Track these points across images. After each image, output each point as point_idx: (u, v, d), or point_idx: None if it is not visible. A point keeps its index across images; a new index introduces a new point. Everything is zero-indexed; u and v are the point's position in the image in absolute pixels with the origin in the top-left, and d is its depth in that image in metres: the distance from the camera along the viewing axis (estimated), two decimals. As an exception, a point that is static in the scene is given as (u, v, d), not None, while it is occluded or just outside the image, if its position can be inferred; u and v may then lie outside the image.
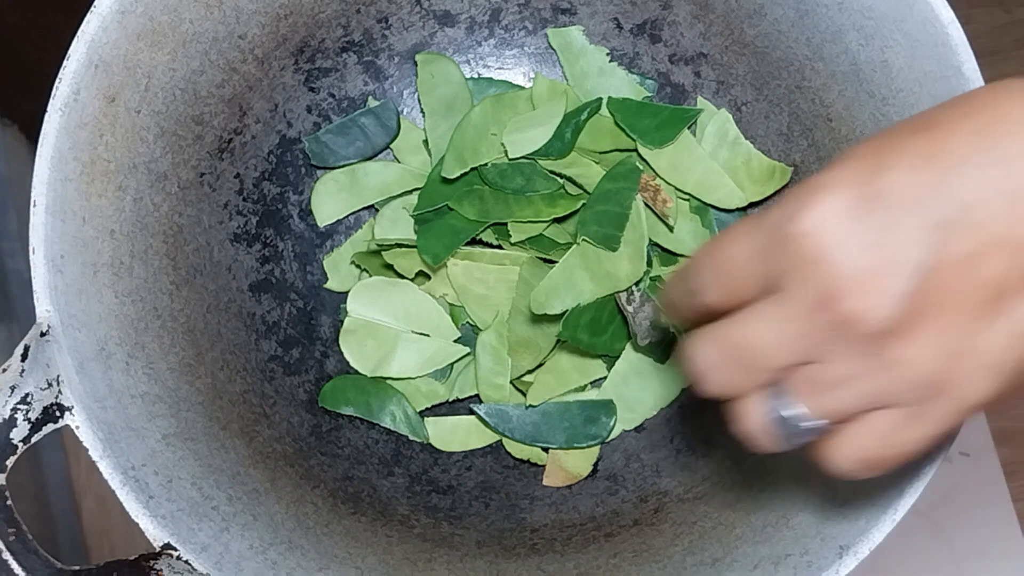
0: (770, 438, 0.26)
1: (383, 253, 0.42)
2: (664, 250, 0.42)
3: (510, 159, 0.42)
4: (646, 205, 0.41)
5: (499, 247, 0.42)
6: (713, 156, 0.41)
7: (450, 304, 0.42)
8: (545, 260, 0.42)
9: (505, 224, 0.42)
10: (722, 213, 0.42)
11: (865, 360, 0.23)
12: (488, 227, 0.42)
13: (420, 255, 0.41)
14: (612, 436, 0.41)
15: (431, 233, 0.41)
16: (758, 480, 0.37)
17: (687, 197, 0.42)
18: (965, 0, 0.73)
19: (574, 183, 0.42)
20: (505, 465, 0.42)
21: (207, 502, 0.33)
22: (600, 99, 0.43)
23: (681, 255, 0.42)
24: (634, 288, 0.41)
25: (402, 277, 0.42)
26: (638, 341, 0.40)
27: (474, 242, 0.42)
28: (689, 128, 0.42)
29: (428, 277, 0.42)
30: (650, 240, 0.42)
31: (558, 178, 0.43)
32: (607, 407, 0.41)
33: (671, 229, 0.42)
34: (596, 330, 0.40)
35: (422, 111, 0.44)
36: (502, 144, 0.43)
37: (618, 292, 0.41)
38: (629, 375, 0.41)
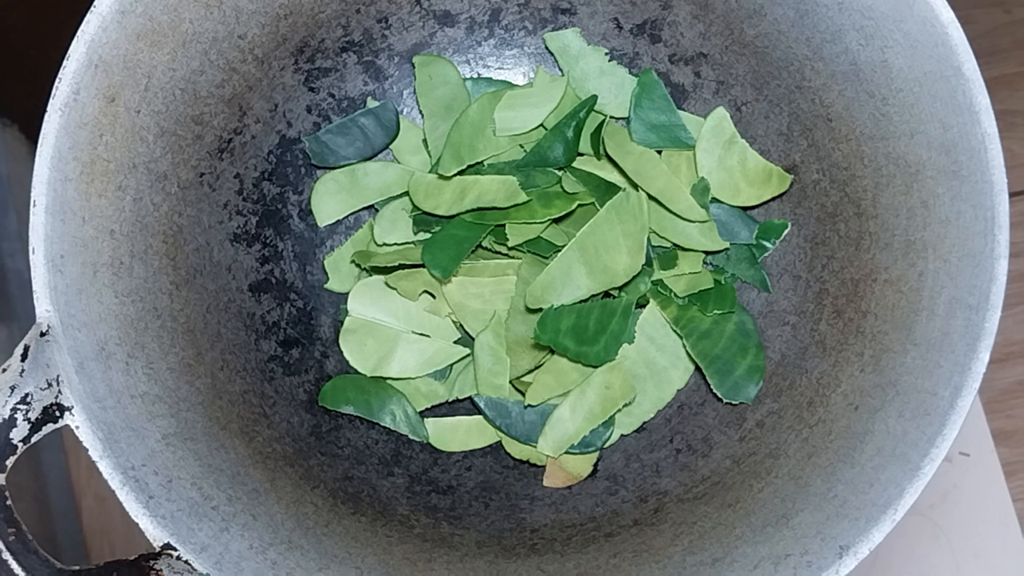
0: None
1: (386, 277, 0.42)
2: (665, 248, 0.42)
3: (495, 134, 0.42)
4: (650, 197, 0.41)
5: (499, 253, 0.42)
6: (708, 154, 0.41)
7: (454, 322, 0.42)
8: (545, 259, 0.42)
9: (503, 227, 0.41)
10: (722, 211, 0.42)
11: None
12: (488, 232, 0.42)
13: (428, 271, 0.40)
14: (610, 442, 0.41)
15: (435, 247, 0.40)
16: (758, 480, 0.37)
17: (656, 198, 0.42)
18: (965, 0, 0.73)
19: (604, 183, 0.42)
20: (505, 465, 0.42)
21: (207, 502, 0.33)
22: (595, 96, 0.43)
23: (688, 248, 0.42)
24: None
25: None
26: None
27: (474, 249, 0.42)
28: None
29: (432, 296, 0.42)
30: (651, 241, 0.42)
31: (557, 172, 0.43)
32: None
33: None
34: (583, 339, 0.40)
35: (421, 113, 0.44)
36: (494, 132, 0.42)
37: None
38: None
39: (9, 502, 0.29)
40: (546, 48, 0.44)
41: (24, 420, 0.30)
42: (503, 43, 0.45)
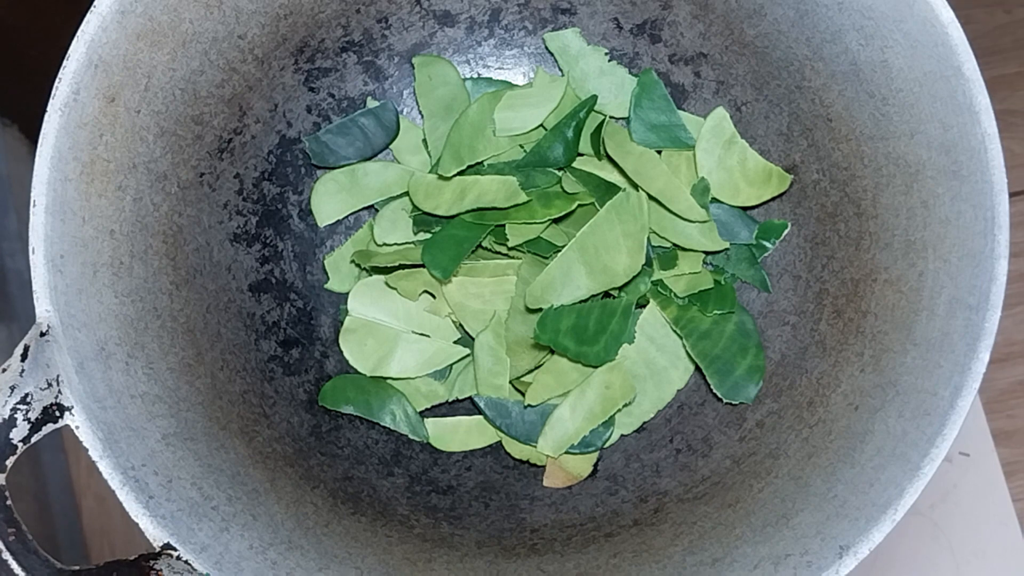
0: None
1: (386, 277, 0.42)
2: (665, 248, 0.42)
3: (495, 134, 0.42)
4: (650, 197, 0.41)
5: (499, 253, 0.42)
6: (708, 154, 0.41)
7: (454, 322, 0.42)
8: (545, 259, 0.42)
9: (503, 227, 0.41)
10: (722, 211, 0.42)
11: None
12: (488, 233, 0.42)
13: (429, 271, 0.40)
14: (610, 442, 0.41)
15: (435, 247, 0.40)
16: (758, 480, 0.37)
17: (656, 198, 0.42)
18: (965, 0, 0.73)
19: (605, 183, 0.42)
20: (505, 465, 0.42)
21: (207, 502, 0.33)
22: (595, 96, 0.43)
23: (688, 248, 0.42)
24: None
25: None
26: None
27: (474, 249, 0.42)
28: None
29: (432, 296, 0.42)
30: (651, 241, 0.42)
31: (557, 172, 0.43)
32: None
33: None
34: (583, 339, 0.40)
35: (420, 113, 0.44)
36: (494, 132, 0.43)
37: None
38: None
39: (9, 502, 0.29)
40: (546, 48, 0.44)
41: (24, 420, 0.30)
42: (503, 43, 0.45)
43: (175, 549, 0.31)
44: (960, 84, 0.32)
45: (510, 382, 0.41)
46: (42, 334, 0.31)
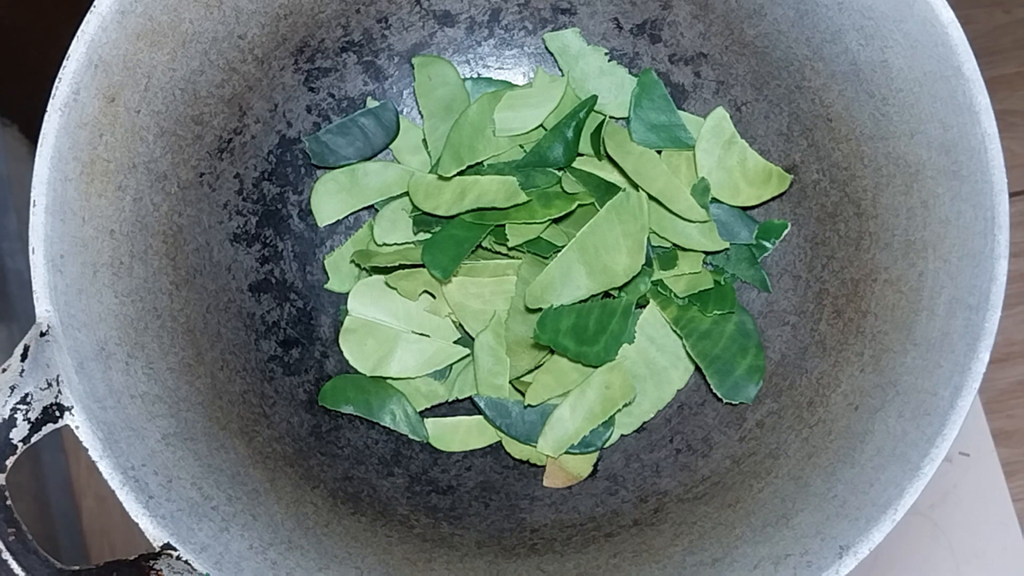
0: None
1: (386, 277, 0.42)
2: (665, 248, 0.42)
3: (495, 134, 0.42)
4: (650, 197, 0.41)
5: (499, 253, 0.42)
6: (708, 154, 0.41)
7: (454, 322, 0.42)
8: (545, 259, 0.42)
9: (503, 227, 0.41)
10: (722, 211, 0.42)
11: None
12: (488, 233, 0.42)
13: (429, 271, 0.40)
14: (610, 442, 0.41)
15: (435, 247, 0.41)
16: (758, 480, 0.37)
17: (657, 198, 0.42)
18: (965, 0, 0.73)
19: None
20: (505, 465, 0.42)
21: (207, 502, 0.33)
22: (595, 96, 0.43)
23: (688, 249, 0.42)
24: None
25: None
26: None
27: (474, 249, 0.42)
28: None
29: (432, 296, 0.42)
30: (651, 241, 0.42)
31: (557, 172, 0.43)
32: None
33: None
34: (583, 339, 0.40)
35: (420, 113, 0.44)
36: (493, 132, 0.43)
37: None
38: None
39: (9, 502, 0.29)
40: (546, 48, 0.44)
41: (24, 420, 0.30)
42: (503, 43, 0.45)
43: (175, 549, 0.31)
44: (960, 84, 0.32)
45: (510, 382, 0.41)
46: (42, 334, 0.31)
